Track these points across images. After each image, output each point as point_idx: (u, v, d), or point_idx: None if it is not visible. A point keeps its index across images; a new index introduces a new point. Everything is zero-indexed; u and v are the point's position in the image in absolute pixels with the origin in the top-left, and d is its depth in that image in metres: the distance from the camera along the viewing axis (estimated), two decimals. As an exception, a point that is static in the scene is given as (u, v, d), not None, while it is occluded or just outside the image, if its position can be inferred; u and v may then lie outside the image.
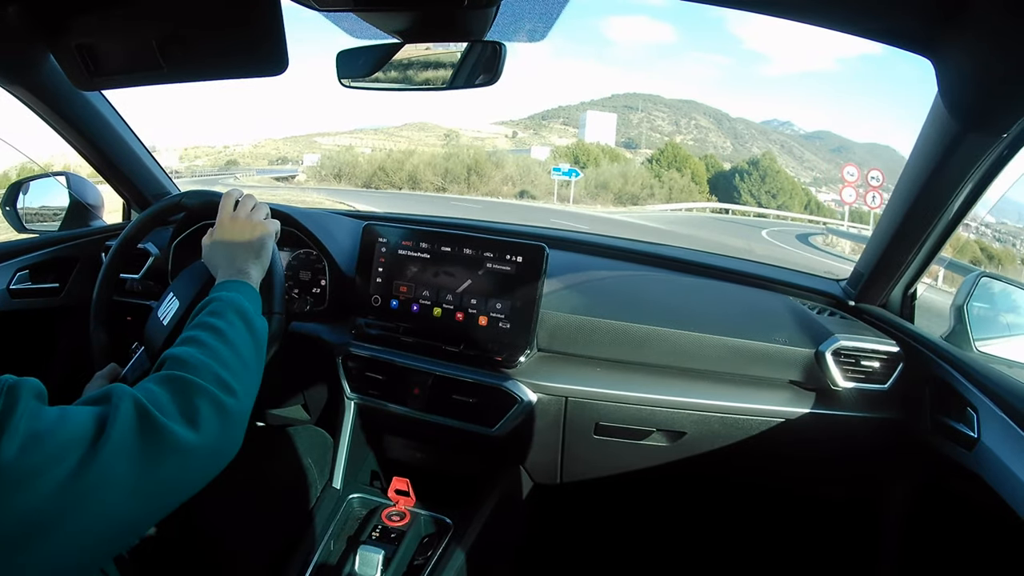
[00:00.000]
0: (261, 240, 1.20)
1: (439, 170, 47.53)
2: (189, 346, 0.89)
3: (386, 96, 21.44)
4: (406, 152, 54.20)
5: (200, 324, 0.95)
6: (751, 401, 1.47)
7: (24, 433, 0.62)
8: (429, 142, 62.38)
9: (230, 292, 1.04)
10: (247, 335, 0.98)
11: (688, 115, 79.66)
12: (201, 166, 59.95)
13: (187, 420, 0.77)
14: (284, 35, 1.17)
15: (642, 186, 48.21)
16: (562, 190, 40.50)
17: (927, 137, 1.25)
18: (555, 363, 1.52)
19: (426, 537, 1.48)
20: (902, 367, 1.45)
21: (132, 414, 0.72)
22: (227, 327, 0.95)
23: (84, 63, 1.29)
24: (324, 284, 1.67)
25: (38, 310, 1.80)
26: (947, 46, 1.02)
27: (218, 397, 0.82)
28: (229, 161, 62.44)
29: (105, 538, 0.69)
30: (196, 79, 1.36)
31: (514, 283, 1.46)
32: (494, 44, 1.24)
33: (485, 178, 46.92)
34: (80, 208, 1.94)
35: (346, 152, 55.76)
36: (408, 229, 1.56)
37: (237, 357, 0.92)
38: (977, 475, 1.20)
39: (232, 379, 0.87)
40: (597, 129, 68.92)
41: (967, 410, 1.26)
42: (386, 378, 1.52)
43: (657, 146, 65.94)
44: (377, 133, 64.63)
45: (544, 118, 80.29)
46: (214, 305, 1.00)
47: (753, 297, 1.66)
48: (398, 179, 46.34)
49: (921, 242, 1.41)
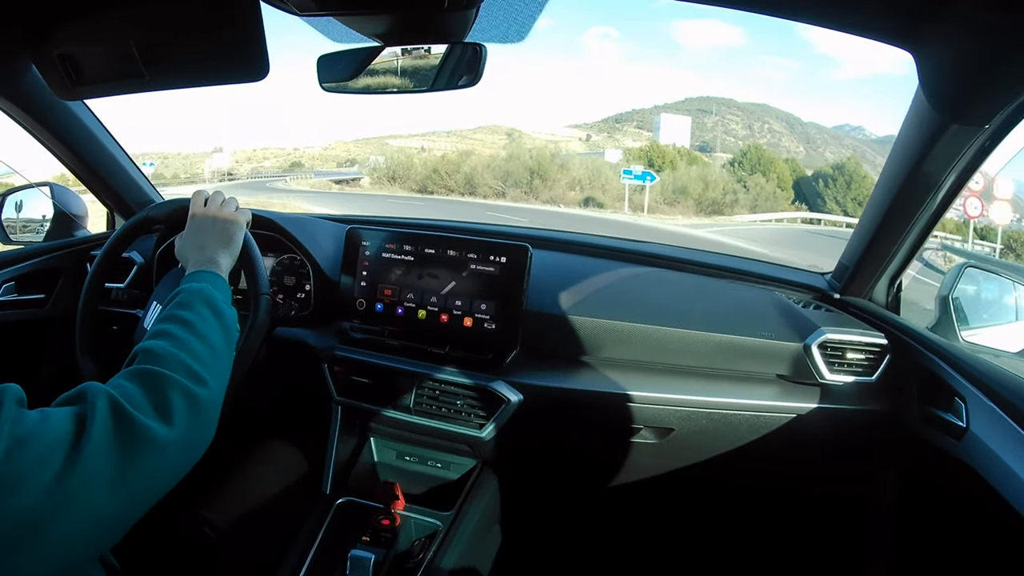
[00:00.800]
0: (228, 230, 1.22)
1: (498, 173, 41.82)
2: (159, 339, 0.90)
3: (460, 98, 19.62)
4: (463, 153, 49.66)
5: (169, 317, 0.96)
6: (738, 396, 1.47)
7: (9, 438, 0.63)
8: (500, 145, 60.40)
9: (199, 283, 1.05)
10: (216, 324, 0.98)
11: (761, 119, 78.65)
12: (268, 168, 59.62)
13: (160, 414, 0.78)
14: (265, 40, 1.17)
15: (724, 191, 40.88)
16: (635, 196, 35.82)
17: (909, 129, 1.26)
18: (541, 363, 1.52)
19: (416, 540, 1.47)
20: (889, 359, 1.45)
21: (108, 412, 0.72)
22: (195, 318, 0.96)
23: (66, 73, 1.30)
24: (309, 289, 1.67)
25: (24, 321, 1.79)
26: (928, 39, 1.02)
27: (189, 388, 0.83)
28: (294, 163, 61.94)
29: (91, 536, 0.70)
30: (178, 86, 1.36)
31: (498, 284, 1.46)
32: (474, 46, 1.25)
33: (549, 182, 40.43)
34: (64, 218, 1.93)
35: (400, 153, 51.85)
36: (391, 232, 1.56)
37: (207, 347, 0.93)
38: (967, 464, 1.20)
39: (202, 369, 0.88)
40: (671, 132, 66.65)
41: (955, 400, 1.26)
42: (373, 382, 1.52)
43: (731, 150, 63.02)
44: (450, 136, 63.10)
45: (618, 121, 79.02)
46: (182, 296, 1.00)
47: (738, 292, 1.66)
48: (453, 183, 41.83)
49: (905, 234, 1.42)
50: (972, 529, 1.35)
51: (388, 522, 1.48)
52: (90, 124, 1.78)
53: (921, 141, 1.22)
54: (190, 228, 1.23)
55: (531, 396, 1.46)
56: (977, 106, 1.10)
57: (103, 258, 1.42)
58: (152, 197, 2.01)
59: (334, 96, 1.35)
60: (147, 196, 2.00)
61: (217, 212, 1.24)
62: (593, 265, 1.73)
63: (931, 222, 1.39)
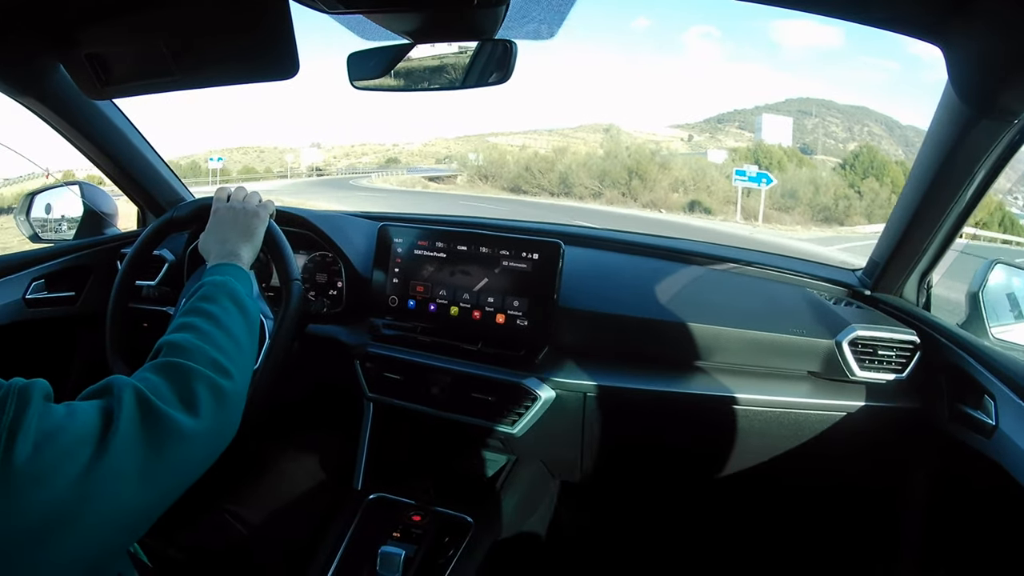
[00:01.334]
0: (250, 224, 1.24)
1: (595, 172, 38.02)
2: (183, 332, 0.91)
3: (562, 96, 18.74)
4: (558, 150, 44.83)
5: (193, 309, 0.97)
6: (770, 393, 1.47)
7: (37, 432, 0.64)
8: (599, 143, 57.57)
9: (222, 276, 1.06)
10: (240, 317, 0.99)
11: (860, 121, 76.41)
12: (365, 164, 59.14)
13: (186, 406, 0.79)
14: (294, 38, 1.18)
15: (835, 197, 36.17)
16: (745, 201, 31.03)
17: (939, 124, 1.25)
18: (573, 359, 1.52)
19: (447, 536, 1.48)
20: (919, 356, 1.45)
21: (134, 404, 0.73)
22: (220, 311, 0.97)
23: (95, 72, 1.30)
24: (340, 286, 1.68)
25: (55, 319, 1.80)
26: (956, 33, 1.01)
27: (215, 381, 0.84)
28: (390, 159, 61.38)
29: (118, 528, 0.71)
30: (207, 85, 1.36)
31: (531, 280, 1.46)
32: (505, 42, 1.24)
33: (649, 183, 36.00)
34: (94, 217, 1.95)
35: (493, 150, 48.20)
36: (423, 229, 1.56)
37: (231, 340, 0.94)
38: (996, 462, 1.20)
39: (227, 361, 0.88)
40: (773, 133, 63.38)
41: (985, 397, 1.25)
42: (404, 378, 1.53)
43: (832, 153, 59.30)
44: (552, 134, 61.28)
45: (719, 121, 76.68)
46: (205, 290, 1.01)
47: (769, 288, 1.66)
48: (546, 182, 38.26)
49: (936, 229, 1.41)
50: (1001, 527, 1.35)
51: (419, 518, 1.50)
52: (119, 123, 1.78)
53: (951, 136, 1.22)
54: (212, 223, 1.25)
55: (563, 393, 1.46)
56: (1007, 100, 1.09)
57: (133, 256, 1.43)
58: (183, 195, 2.01)
59: (438, 93, 1.36)
60: (177, 195, 2.00)
61: (238, 207, 1.26)
62: (624, 261, 1.73)
63: (961, 217, 1.38)
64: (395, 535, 1.45)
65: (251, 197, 1.30)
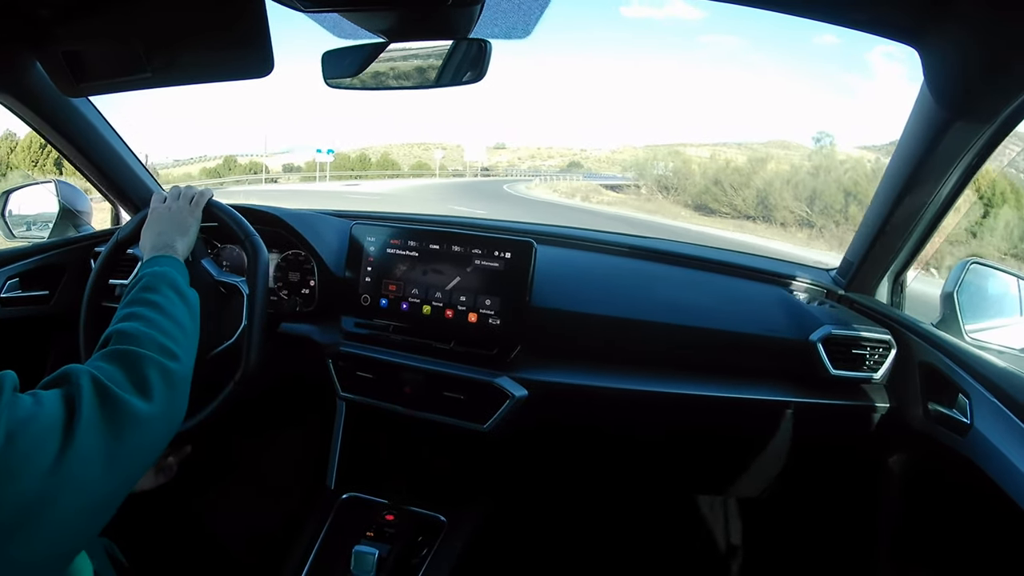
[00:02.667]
0: (183, 220, 1.30)
1: (802, 191, 27.73)
2: (130, 321, 0.95)
3: (752, 108, 16.63)
4: (755, 161, 34.39)
5: (137, 300, 1.01)
6: (744, 392, 1.47)
7: (7, 424, 0.64)
8: (800, 157, 53.61)
9: (160, 267, 1.11)
10: (181, 304, 1.04)
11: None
12: (549, 166, 58.94)
13: (140, 391, 0.82)
14: (269, 37, 1.17)
15: None
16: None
17: (914, 125, 1.26)
18: (546, 358, 1.52)
19: (420, 536, 1.47)
20: (894, 355, 1.45)
21: (92, 391, 0.75)
22: (162, 300, 1.02)
23: (71, 69, 1.30)
24: (313, 285, 1.68)
25: (28, 318, 1.79)
26: (933, 35, 1.02)
27: (164, 364, 0.88)
28: (573, 163, 61.16)
29: (86, 516, 0.72)
30: (182, 83, 1.36)
31: (503, 279, 1.46)
32: (479, 42, 1.25)
33: None
34: (69, 215, 1.93)
35: (677, 157, 39.52)
36: (396, 227, 1.56)
37: (176, 325, 0.98)
38: (971, 461, 1.20)
39: (173, 345, 0.92)
40: None
41: (959, 396, 1.26)
42: (377, 377, 1.52)
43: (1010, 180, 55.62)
44: (740, 148, 59.51)
45: None
46: (146, 280, 1.06)
47: (744, 288, 1.66)
48: (740, 200, 28.92)
49: (910, 230, 1.42)
50: (977, 525, 1.35)
51: (392, 517, 1.49)
52: (94, 121, 1.77)
53: (926, 138, 1.22)
54: (149, 221, 1.31)
55: (536, 391, 1.46)
56: (982, 103, 1.11)
57: (107, 255, 1.44)
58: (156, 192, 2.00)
59: (629, 99, 1.33)
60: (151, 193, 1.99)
61: (172, 204, 1.33)
62: (598, 261, 1.73)
63: (936, 218, 1.40)
64: (368, 535, 1.44)
65: (185, 194, 1.36)
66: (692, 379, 1.49)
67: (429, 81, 1.32)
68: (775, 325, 1.50)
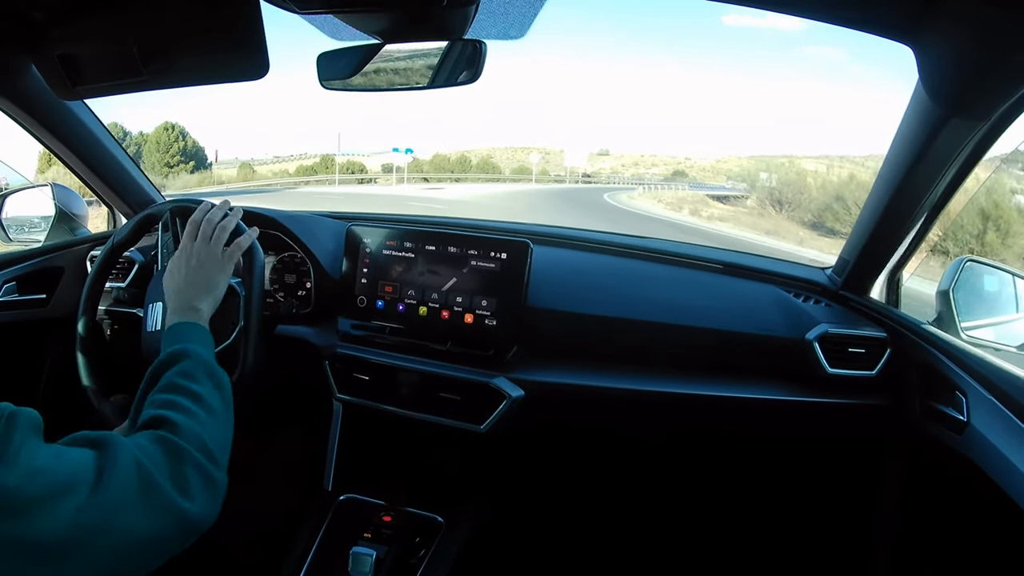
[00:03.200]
0: (213, 277, 1.18)
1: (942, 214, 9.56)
2: (174, 411, 0.88)
3: (858, 120, 15.29)
4: None
5: (176, 387, 0.94)
6: (740, 391, 1.47)
7: (22, 466, 0.63)
8: None
9: (193, 345, 1.03)
10: (218, 395, 0.97)
11: None
12: (652, 174, 58.36)
13: (179, 488, 0.77)
14: (265, 39, 1.18)
15: None
16: None
17: (909, 124, 1.25)
18: (543, 358, 1.52)
19: (418, 537, 1.47)
20: (889, 353, 1.45)
21: (132, 469, 0.72)
22: (201, 390, 0.95)
23: (66, 73, 1.30)
24: (309, 286, 1.68)
25: (25, 321, 1.79)
26: (927, 33, 1.02)
27: (207, 468, 0.83)
28: (676, 172, 60.48)
29: None
30: (178, 85, 1.37)
31: (499, 280, 1.46)
32: (474, 42, 1.25)
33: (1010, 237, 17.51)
34: (65, 218, 1.93)
35: (789, 168, 37.80)
36: (392, 229, 1.56)
37: (215, 420, 0.92)
38: (968, 458, 1.20)
39: (216, 449, 0.87)
40: None
41: (956, 394, 1.26)
42: (373, 378, 1.52)
43: None
44: (843, 161, 58.13)
45: None
46: (185, 365, 0.98)
47: (740, 287, 1.66)
48: None
49: (906, 228, 1.42)
50: (973, 522, 1.36)
51: (390, 518, 1.49)
52: (90, 124, 1.78)
53: (921, 135, 1.22)
54: (176, 260, 1.20)
55: (532, 392, 1.46)
56: (977, 100, 1.10)
57: (104, 258, 1.43)
58: (153, 197, 2.01)
59: (731, 108, 1.32)
60: (148, 196, 1.99)
61: (202, 251, 1.19)
62: (594, 261, 1.73)
63: (931, 216, 1.39)
64: (366, 536, 1.45)
65: (218, 237, 1.21)
66: (689, 379, 1.49)
67: (424, 82, 1.32)
68: (771, 324, 1.51)
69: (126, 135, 35.73)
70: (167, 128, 41.25)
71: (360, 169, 47.60)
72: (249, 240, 1.27)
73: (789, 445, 1.54)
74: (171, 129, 41.35)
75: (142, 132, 39.78)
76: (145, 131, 42.52)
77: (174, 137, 41.47)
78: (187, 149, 42.18)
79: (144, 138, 40.99)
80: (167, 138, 41.10)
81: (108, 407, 1.36)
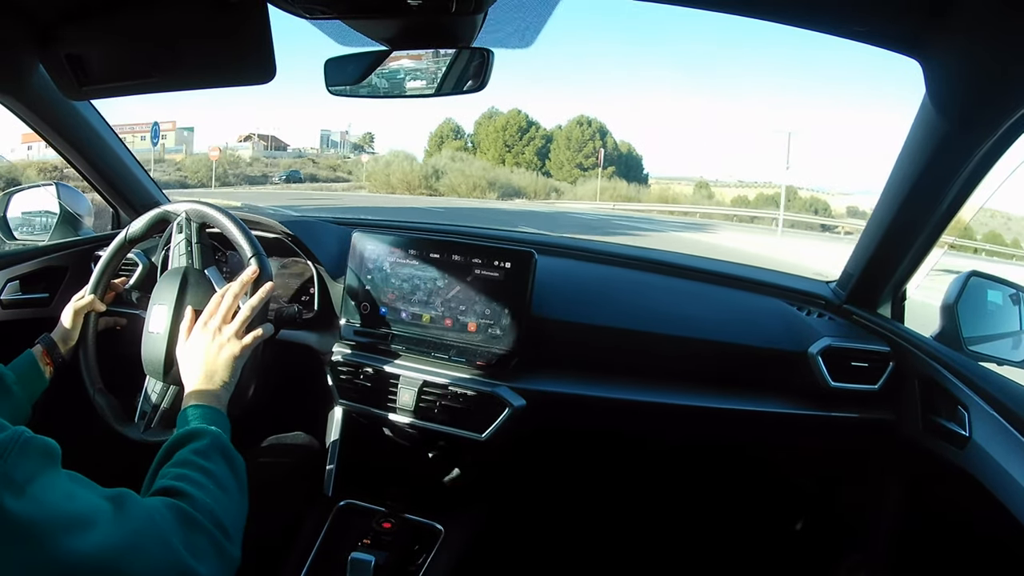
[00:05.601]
0: (228, 364, 1.16)
1: None
2: (188, 484, 0.88)
3: None
4: None
5: (190, 463, 0.93)
6: (743, 403, 1.47)
7: (32, 496, 0.63)
8: None
9: (208, 425, 1.02)
10: (232, 476, 0.97)
11: None
12: None
13: (190, 551, 0.77)
14: (272, 43, 1.17)
15: None
16: None
17: (915, 137, 1.25)
18: (545, 368, 1.52)
19: (417, 544, 1.47)
20: (892, 367, 1.45)
21: (146, 522, 0.73)
22: (216, 469, 0.94)
23: (73, 73, 1.30)
24: (313, 292, 1.68)
25: (29, 320, 1.79)
26: (934, 47, 1.02)
27: (219, 540, 0.83)
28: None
29: None
30: (185, 88, 1.36)
31: (503, 289, 1.46)
32: (482, 51, 1.25)
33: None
34: (69, 218, 1.93)
35: None
36: (396, 236, 1.56)
37: (230, 501, 0.92)
38: (969, 473, 1.20)
39: (230, 526, 0.87)
40: None
41: (958, 409, 1.26)
42: (375, 385, 1.52)
43: None
44: None
45: None
46: (200, 444, 0.98)
47: (743, 300, 1.66)
48: None
49: (910, 242, 1.42)
50: (974, 538, 1.36)
51: (389, 525, 1.49)
52: (96, 124, 1.78)
53: (927, 149, 1.22)
54: (191, 348, 1.19)
55: (533, 401, 1.45)
56: (984, 114, 1.10)
57: (117, 247, 1.43)
58: (156, 198, 2.01)
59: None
60: (153, 197, 2.00)
61: (211, 348, 1.17)
62: (597, 271, 1.73)
63: (937, 231, 1.39)
64: (365, 542, 1.44)
65: (227, 323, 1.20)
66: (691, 390, 1.49)
67: (430, 89, 1.32)
68: (774, 337, 1.51)
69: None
70: (580, 122, 34.99)
71: (823, 209, 39.81)
72: (267, 334, 1.25)
73: (790, 458, 1.54)
74: (586, 124, 35.04)
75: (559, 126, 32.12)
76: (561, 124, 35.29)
77: (588, 135, 35.41)
78: (612, 153, 34.62)
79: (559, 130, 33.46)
80: (580, 134, 35.24)
81: (102, 398, 1.37)
